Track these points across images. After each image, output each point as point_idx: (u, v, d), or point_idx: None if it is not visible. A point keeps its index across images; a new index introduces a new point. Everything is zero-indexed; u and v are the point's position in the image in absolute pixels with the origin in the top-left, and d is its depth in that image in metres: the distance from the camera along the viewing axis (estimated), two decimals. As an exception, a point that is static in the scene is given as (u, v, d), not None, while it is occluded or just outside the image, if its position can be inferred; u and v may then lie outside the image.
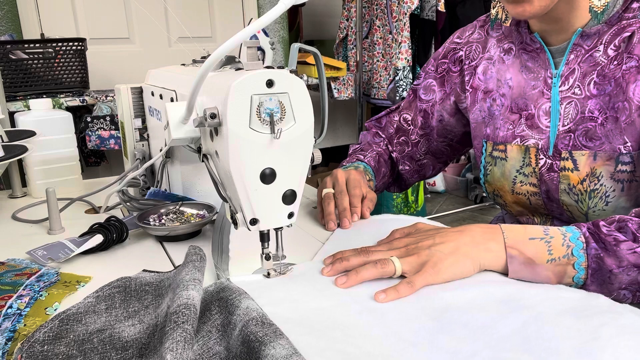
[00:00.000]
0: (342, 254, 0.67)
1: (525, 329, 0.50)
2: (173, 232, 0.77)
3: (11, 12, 2.26)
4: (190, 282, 0.54)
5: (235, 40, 0.51)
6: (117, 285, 0.59)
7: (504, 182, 0.85)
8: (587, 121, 0.74)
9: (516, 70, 0.83)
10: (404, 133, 1.03)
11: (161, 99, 0.84)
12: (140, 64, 2.59)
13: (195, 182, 0.87)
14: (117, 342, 0.51)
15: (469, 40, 0.92)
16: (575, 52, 0.75)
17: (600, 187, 0.73)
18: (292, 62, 0.61)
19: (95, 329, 0.52)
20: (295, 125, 0.57)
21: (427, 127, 1.00)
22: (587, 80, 0.74)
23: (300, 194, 0.61)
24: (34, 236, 0.84)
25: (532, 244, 0.62)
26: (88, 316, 0.54)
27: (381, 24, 2.60)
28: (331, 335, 0.51)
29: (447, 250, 0.63)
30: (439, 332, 0.51)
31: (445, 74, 0.95)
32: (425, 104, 0.99)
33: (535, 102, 0.80)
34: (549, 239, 0.62)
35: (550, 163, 0.78)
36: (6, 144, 0.89)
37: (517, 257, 0.62)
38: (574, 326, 0.50)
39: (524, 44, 0.82)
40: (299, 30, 3.20)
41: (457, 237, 0.64)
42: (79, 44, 2.07)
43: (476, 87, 0.89)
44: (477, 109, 0.89)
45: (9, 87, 1.93)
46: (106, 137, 1.96)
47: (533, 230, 0.64)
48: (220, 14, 2.85)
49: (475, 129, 0.90)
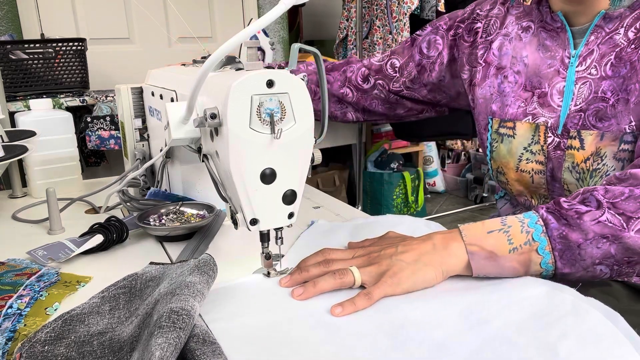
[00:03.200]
0: (304, 262, 0.65)
1: (482, 349, 0.49)
2: (173, 232, 0.77)
3: (11, 12, 2.26)
4: (199, 294, 0.53)
5: (235, 41, 0.51)
6: (123, 285, 0.58)
7: (509, 159, 0.84)
8: (599, 101, 0.74)
9: (533, 49, 0.83)
10: (384, 78, 1.00)
11: (161, 99, 0.84)
12: (140, 64, 2.58)
13: (195, 182, 0.87)
14: (115, 345, 0.50)
15: (488, 14, 0.91)
16: (596, 33, 0.75)
17: (602, 167, 0.73)
18: (293, 62, 0.61)
19: (97, 331, 0.52)
20: (295, 125, 0.57)
21: (417, 82, 0.98)
22: (605, 61, 0.74)
23: (301, 194, 0.61)
24: (34, 236, 0.84)
25: (491, 236, 0.61)
26: (91, 317, 0.54)
27: (381, 24, 2.60)
28: (279, 352, 0.50)
29: (408, 259, 0.61)
30: (393, 350, 0.50)
31: (457, 39, 0.94)
32: (426, 59, 0.96)
33: (550, 81, 0.80)
34: (507, 229, 0.61)
35: (558, 141, 0.78)
36: (6, 144, 0.89)
37: (477, 252, 0.60)
38: (533, 344, 0.49)
39: (544, 22, 0.82)
40: (299, 31, 3.20)
41: (419, 246, 0.63)
42: (79, 44, 2.07)
43: (489, 62, 0.88)
44: (486, 84, 0.88)
45: (9, 87, 1.92)
46: (106, 137, 1.95)
47: (491, 224, 0.62)
48: (220, 14, 2.85)
49: (481, 104, 0.89)
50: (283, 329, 0.54)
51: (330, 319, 0.55)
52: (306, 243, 0.73)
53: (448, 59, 0.95)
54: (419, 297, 0.59)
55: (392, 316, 0.55)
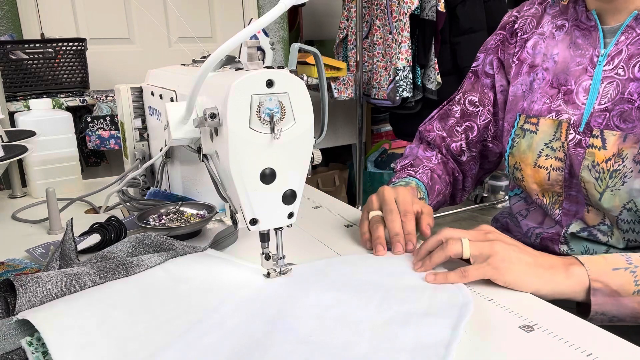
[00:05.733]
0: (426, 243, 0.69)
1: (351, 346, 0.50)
2: (173, 232, 0.77)
3: (11, 12, 2.26)
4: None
5: (235, 40, 0.51)
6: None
7: (528, 154, 0.84)
8: (625, 102, 0.74)
9: (565, 46, 0.83)
10: (469, 117, 0.98)
11: (161, 99, 0.84)
12: (140, 64, 2.58)
13: (195, 182, 0.87)
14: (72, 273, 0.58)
15: (524, 14, 0.91)
16: (627, 33, 0.75)
17: (622, 168, 0.73)
18: (292, 62, 0.61)
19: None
20: (295, 125, 0.57)
21: (497, 104, 0.96)
22: (633, 62, 0.74)
23: (300, 194, 0.61)
24: (33, 236, 0.84)
25: (617, 275, 0.60)
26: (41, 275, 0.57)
27: (381, 24, 2.60)
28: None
29: (524, 259, 0.62)
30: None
31: (501, 44, 0.94)
32: (492, 78, 0.95)
33: (577, 79, 0.80)
34: (633, 269, 0.60)
35: (579, 139, 0.77)
36: (6, 144, 0.89)
37: (601, 289, 0.60)
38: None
39: (578, 21, 0.82)
40: (299, 30, 3.20)
41: (539, 257, 0.64)
42: (79, 44, 2.07)
43: (523, 60, 0.88)
44: (518, 82, 0.88)
45: (9, 87, 1.92)
46: (106, 137, 1.96)
47: (614, 260, 0.62)
48: (220, 14, 2.85)
49: (512, 102, 0.89)
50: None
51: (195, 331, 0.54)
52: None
53: (497, 65, 0.94)
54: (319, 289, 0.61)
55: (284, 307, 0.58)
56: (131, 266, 0.61)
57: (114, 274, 0.59)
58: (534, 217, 0.88)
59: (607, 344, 0.51)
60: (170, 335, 0.51)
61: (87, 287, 0.57)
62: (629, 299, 0.59)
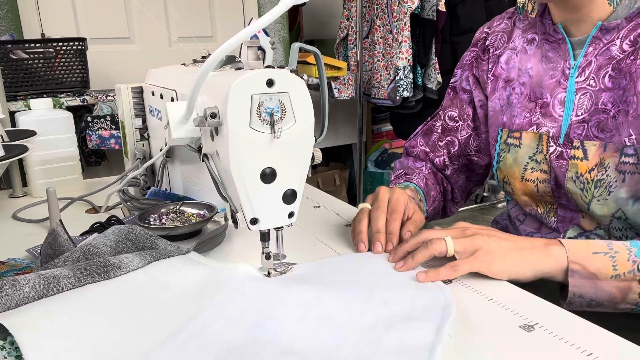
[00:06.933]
0: (404, 244, 0.69)
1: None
2: (173, 232, 0.77)
3: (12, 11, 2.26)
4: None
5: (235, 40, 0.51)
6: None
7: (515, 169, 0.85)
8: (600, 113, 0.74)
9: (537, 60, 0.84)
10: (450, 132, 0.99)
11: (161, 99, 0.84)
12: (140, 63, 2.58)
13: (195, 181, 0.87)
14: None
15: (495, 30, 0.92)
16: (594, 44, 0.76)
17: (606, 177, 0.73)
18: (293, 62, 0.61)
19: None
20: (295, 124, 0.57)
21: (477, 119, 0.96)
22: (602, 73, 0.75)
23: (301, 194, 0.61)
24: (34, 236, 0.84)
25: (597, 258, 0.61)
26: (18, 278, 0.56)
27: (382, 23, 2.60)
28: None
29: (505, 247, 0.63)
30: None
31: (474, 61, 0.95)
32: (469, 93, 0.96)
33: (552, 92, 0.80)
34: (613, 254, 0.61)
35: (560, 151, 0.78)
36: (6, 144, 0.89)
37: (579, 271, 0.61)
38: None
39: (547, 34, 0.82)
40: (299, 30, 3.20)
41: (518, 241, 0.65)
42: (80, 44, 2.07)
43: (498, 75, 0.89)
44: (496, 97, 0.89)
45: (9, 87, 1.92)
46: (107, 136, 1.96)
47: (596, 245, 0.63)
48: (220, 13, 2.85)
49: (492, 117, 0.90)
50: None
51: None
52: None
53: (474, 82, 0.95)
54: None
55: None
56: (112, 269, 0.60)
57: (94, 276, 0.58)
58: (531, 224, 0.89)
59: (608, 344, 0.51)
60: (149, 344, 0.50)
61: (66, 290, 0.56)
62: (607, 282, 0.61)
